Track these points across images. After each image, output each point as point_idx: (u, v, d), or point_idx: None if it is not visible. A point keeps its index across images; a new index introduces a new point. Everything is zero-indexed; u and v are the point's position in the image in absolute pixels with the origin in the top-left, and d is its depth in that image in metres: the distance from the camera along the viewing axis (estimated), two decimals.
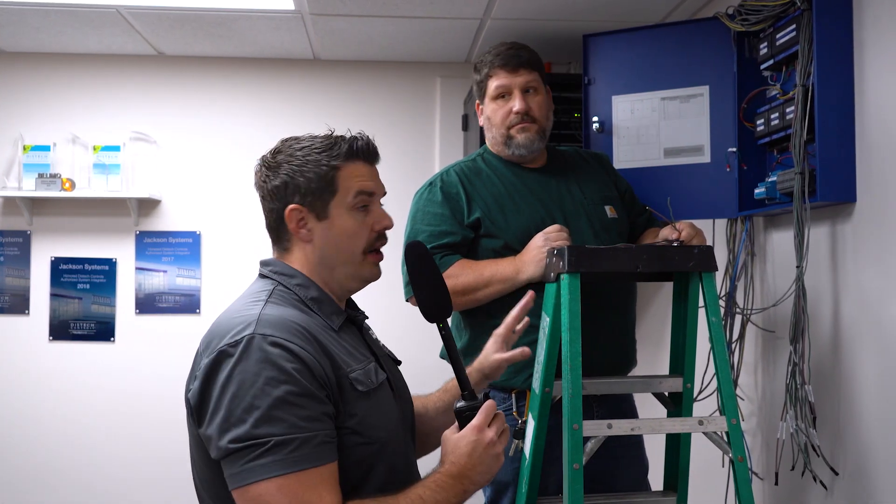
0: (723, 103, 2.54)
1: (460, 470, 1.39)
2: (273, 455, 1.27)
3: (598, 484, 2.20)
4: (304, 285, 1.50)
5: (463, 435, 1.43)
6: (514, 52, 2.34)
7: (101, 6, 3.20)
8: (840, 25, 2.07)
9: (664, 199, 2.48)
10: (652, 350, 3.27)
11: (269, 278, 1.52)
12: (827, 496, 2.17)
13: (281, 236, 1.54)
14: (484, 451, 1.41)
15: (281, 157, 1.52)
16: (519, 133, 2.31)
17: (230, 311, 1.45)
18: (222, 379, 1.32)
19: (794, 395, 2.14)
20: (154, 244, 3.98)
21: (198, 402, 1.35)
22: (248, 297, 1.49)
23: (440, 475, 1.40)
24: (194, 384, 1.37)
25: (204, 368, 1.35)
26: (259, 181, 1.54)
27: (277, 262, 1.55)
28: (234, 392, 1.30)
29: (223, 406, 1.30)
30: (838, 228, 2.16)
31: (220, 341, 1.35)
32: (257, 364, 1.31)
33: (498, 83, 2.33)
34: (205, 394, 1.34)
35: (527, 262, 2.15)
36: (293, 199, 1.49)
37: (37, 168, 3.83)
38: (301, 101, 4.02)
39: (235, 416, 1.29)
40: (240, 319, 1.38)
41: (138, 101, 3.97)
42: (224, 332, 1.37)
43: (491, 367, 1.79)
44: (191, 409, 1.38)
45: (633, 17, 3.17)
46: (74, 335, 3.94)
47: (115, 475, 3.90)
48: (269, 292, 1.47)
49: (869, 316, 2.03)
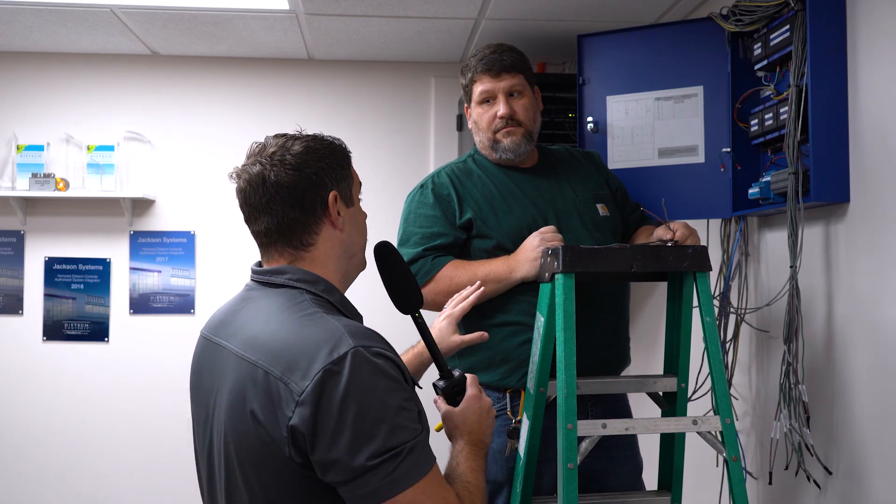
0: (717, 104, 2.55)
1: (478, 437, 1.55)
2: (409, 462, 1.28)
3: (592, 483, 2.21)
4: (329, 290, 1.47)
5: (467, 406, 1.58)
6: (497, 57, 2.33)
7: (94, 5, 3.19)
8: (834, 26, 2.08)
9: (658, 200, 2.49)
10: (646, 350, 3.27)
11: (291, 287, 1.45)
12: (820, 495, 2.18)
13: (301, 234, 1.46)
14: (487, 414, 1.59)
15: (300, 147, 1.46)
16: (504, 137, 2.32)
17: (285, 329, 1.36)
18: (338, 399, 1.25)
19: (787, 395, 2.15)
20: (148, 244, 3.97)
21: (311, 429, 1.26)
22: (285, 310, 1.40)
23: (467, 447, 1.52)
24: (299, 411, 1.27)
25: (310, 392, 1.26)
26: (283, 171, 1.44)
27: (294, 268, 1.47)
28: (357, 409, 1.26)
29: (347, 426, 1.25)
30: (832, 228, 2.16)
31: (314, 362, 1.28)
32: (371, 377, 1.28)
33: (482, 88, 2.34)
34: (319, 418, 1.26)
35: (521, 261, 2.15)
36: (332, 185, 1.47)
37: (30, 168, 3.82)
38: (296, 100, 4.02)
39: (364, 433, 1.25)
40: (320, 335, 1.31)
41: (132, 101, 3.96)
42: (310, 353, 1.29)
43: (448, 348, 1.90)
44: (291, 441, 1.29)
45: (627, 18, 3.17)
46: (68, 335, 3.93)
47: (110, 475, 3.89)
48: (310, 302, 1.41)
49: (862, 316, 2.04)
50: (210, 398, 1.45)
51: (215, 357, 1.47)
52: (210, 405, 1.45)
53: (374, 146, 4.04)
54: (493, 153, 2.35)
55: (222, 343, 1.46)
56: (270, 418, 1.30)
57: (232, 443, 1.37)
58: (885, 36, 1.94)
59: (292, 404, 1.28)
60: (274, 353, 1.33)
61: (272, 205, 1.44)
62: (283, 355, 1.32)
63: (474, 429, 1.56)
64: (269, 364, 1.32)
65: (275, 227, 1.46)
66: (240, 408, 1.35)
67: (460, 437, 1.55)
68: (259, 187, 1.45)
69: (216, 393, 1.43)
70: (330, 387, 1.26)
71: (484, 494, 1.47)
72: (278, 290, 1.45)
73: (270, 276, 1.47)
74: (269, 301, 1.44)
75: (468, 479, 1.46)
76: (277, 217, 1.45)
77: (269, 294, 1.45)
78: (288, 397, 1.28)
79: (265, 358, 1.34)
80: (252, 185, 1.45)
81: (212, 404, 1.45)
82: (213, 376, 1.46)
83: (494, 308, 2.22)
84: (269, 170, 1.44)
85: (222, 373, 1.42)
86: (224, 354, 1.44)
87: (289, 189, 1.43)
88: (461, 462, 1.50)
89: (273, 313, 1.41)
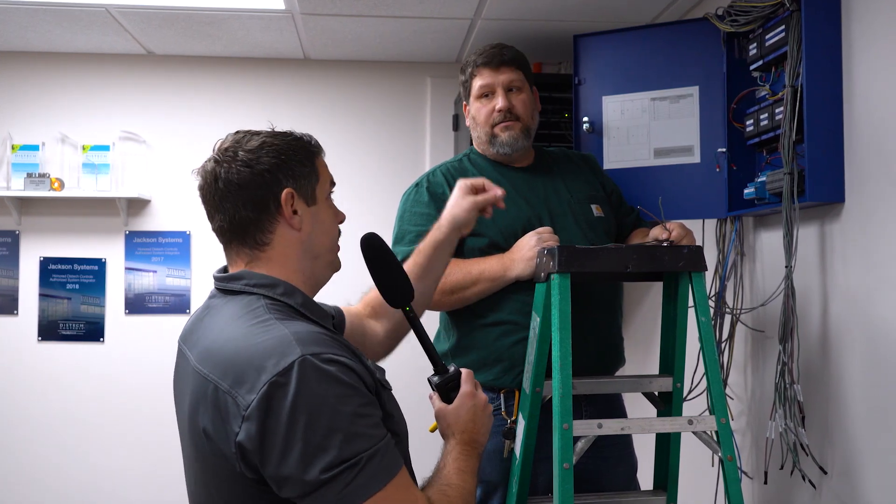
0: (712, 104, 2.55)
1: (471, 436, 1.50)
2: (367, 471, 1.22)
3: (587, 483, 2.21)
4: (289, 293, 1.41)
5: (461, 404, 1.52)
6: (497, 52, 2.35)
7: (89, 5, 3.18)
8: (829, 26, 2.08)
9: (654, 200, 2.49)
10: (642, 350, 3.27)
11: (247, 293, 1.40)
12: (815, 495, 2.18)
13: (254, 233, 1.42)
14: (482, 412, 1.54)
15: (257, 142, 1.42)
16: (503, 131, 2.32)
17: (236, 339, 1.32)
18: (286, 412, 1.20)
19: (782, 395, 2.15)
20: (144, 244, 3.97)
21: (258, 444, 1.22)
22: (239, 318, 1.35)
23: (458, 447, 1.47)
24: (245, 426, 1.22)
25: (256, 407, 1.21)
26: (234, 168, 1.41)
27: (250, 272, 1.42)
28: (305, 422, 1.20)
29: (297, 439, 1.20)
30: (827, 228, 2.17)
31: (261, 374, 1.23)
32: (320, 385, 1.22)
33: (481, 82, 2.35)
34: (266, 433, 1.21)
35: (516, 260, 2.15)
36: (287, 182, 1.41)
37: (25, 168, 3.81)
38: (291, 100, 4.02)
39: (316, 445, 1.20)
40: (267, 344, 1.26)
41: (128, 101, 3.96)
42: (258, 364, 1.24)
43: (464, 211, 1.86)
44: (240, 457, 1.24)
45: (623, 18, 3.17)
46: (63, 335, 3.92)
47: (105, 475, 3.89)
48: (264, 307, 1.35)
49: (857, 315, 2.04)
50: (181, 407, 1.43)
51: (183, 367, 1.44)
52: (181, 415, 1.44)
53: (370, 146, 4.04)
54: (490, 148, 2.35)
55: (186, 353, 1.43)
56: (220, 434, 1.27)
57: (193, 456, 1.36)
58: (881, 36, 1.94)
59: (239, 419, 1.23)
60: (223, 365, 1.29)
61: (224, 202, 1.43)
62: (231, 368, 1.27)
63: (467, 427, 1.50)
64: (219, 377, 1.28)
65: (227, 225, 1.44)
66: (194, 423, 1.33)
67: (452, 437, 1.49)
68: (212, 185, 1.44)
69: (182, 404, 1.42)
70: (277, 400, 1.21)
71: (469, 497, 1.41)
72: (236, 297, 1.41)
73: (228, 282, 1.44)
74: (226, 309, 1.40)
75: (451, 482, 1.41)
76: (230, 215, 1.43)
77: (228, 302, 1.42)
78: (235, 412, 1.24)
79: (215, 371, 1.30)
80: (206, 182, 1.45)
81: (181, 414, 1.43)
82: (180, 387, 1.44)
83: (488, 307, 2.22)
84: (221, 167, 1.42)
85: (185, 384, 1.40)
86: (186, 366, 1.41)
87: (239, 186, 1.41)
88: (449, 463, 1.45)
89: (227, 323, 1.37)
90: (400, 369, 2.34)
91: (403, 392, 2.52)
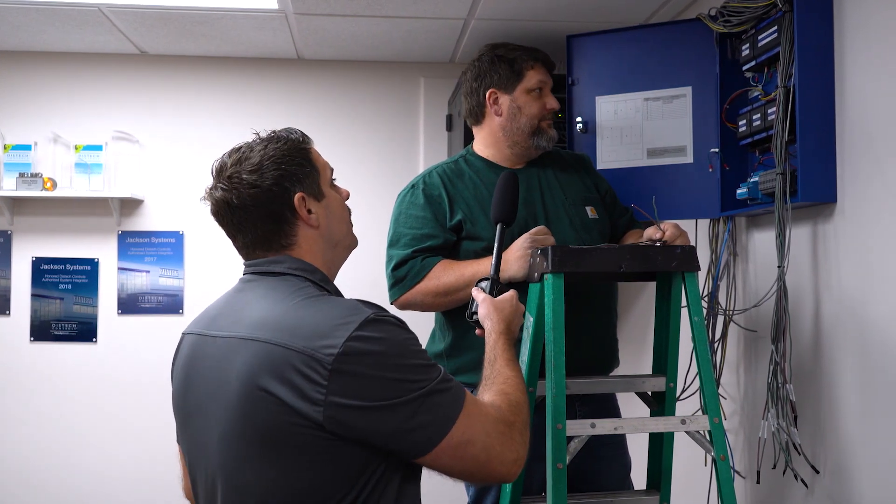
0: (705, 104, 2.56)
1: (510, 326, 1.68)
2: (453, 390, 1.35)
3: (581, 483, 2.21)
4: (325, 280, 1.50)
5: (505, 298, 1.76)
6: (546, 54, 2.43)
7: (82, 4, 3.17)
8: (821, 27, 2.09)
9: (647, 200, 2.49)
10: (635, 350, 3.28)
11: (290, 275, 1.46)
12: (808, 494, 2.19)
13: (278, 240, 1.48)
14: (518, 310, 1.76)
15: (256, 158, 1.46)
16: (550, 128, 2.40)
17: (295, 311, 1.36)
18: (374, 357, 1.29)
19: (775, 394, 2.16)
20: (136, 244, 3.96)
21: (349, 392, 1.27)
22: (296, 294, 1.40)
23: (503, 337, 1.64)
24: (335, 379, 1.27)
25: (338, 359, 1.27)
26: (244, 192, 1.45)
27: (292, 258, 1.48)
28: (394, 360, 1.31)
29: (392, 375, 1.30)
30: (819, 228, 2.17)
31: (338, 330, 1.30)
32: (394, 332, 1.34)
33: (539, 77, 2.38)
34: (359, 379, 1.28)
35: (510, 261, 2.15)
36: (295, 188, 1.47)
37: (18, 167, 3.80)
38: (285, 100, 4.01)
39: (406, 376, 1.31)
40: (335, 311, 1.34)
41: (121, 101, 3.95)
42: (330, 325, 1.31)
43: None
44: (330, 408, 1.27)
45: (616, 18, 3.18)
46: (56, 336, 3.91)
47: (98, 475, 3.88)
48: (313, 286, 1.44)
49: (849, 315, 2.05)
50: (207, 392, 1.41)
51: (211, 350, 1.44)
52: (204, 402, 1.42)
53: (364, 146, 4.04)
54: (528, 139, 2.37)
55: (220, 334, 1.44)
56: (295, 393, 1.28)
57: (244, 427, 1.33)
58: (872, 37, 1.95)
59: (324, 373, 1.27)
60: (291, 330, 1.33)
61: (244, 224, 1.48)
62: (300, 330, 1.32)
63: (509, 317, 1.69)
64: (287, 340, 1.31)
65: (252, 241, 1.50)
66: (253, 389, 1.32)
67: (497, 327, 1.65)
68: (226, 212, 1.48)
69: (217, 385, 1.39)
70: (363, 348, 1.29)
71: (522, 384, 1.52)
72: (277, 278, 1.46)
73: (269, 265, 1.48)
74: (270, 288, 1.44)
75: (505, 376, 1.52)
76: (252, 233, 1.49)
77: (269, 282, 1.46)
78: (316, 367, 1.28)
79: (279, 336, 1.33)
80: (219, 209, 1.49)
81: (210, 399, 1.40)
82: (212, 369, 1.42)
83: None
84: (230, 194, 1.46)
85: (226, 361, 1.39)
86: (224, 344, 1.41)
87: (254, 207, 1.46)
88: (499, 355, 1.58)
89: (279, 298, 1.41)
90: None
91: None
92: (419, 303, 2.23)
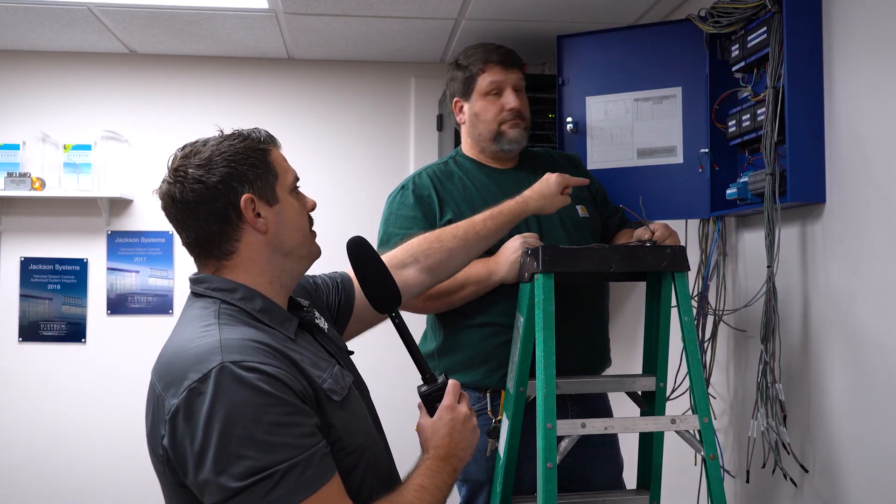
0: (695, 105, 2.56)
1: (446, 451, 1.45)
2: (286, 483, 1.20)
3: (572, 483, 2.22)
4: (248, 297, 1.40)
5: (438, 417, 1.49)
6: (507, 51, 2.37)
7: (71, 3, 3.16)
8: (810, 28, 2.10)
9: (637, 200, 2.50)
10: (625, 350, 3.29)
11: (207, 296, 1.41)
12: (797, 493, 2.20)
13: (219, 244, 1.42)
14: (462, 427, 1.48)
15: (206, 153, 1.40)
16: (511, 129, 2.33)
17: (179, 343, 1.33)
18: (202, 418, 1.20)
19: (764, 394, 2.17)
20: (126, 244, 3.94)
21: (176, 452, 1.24)
22: (193, 321, 1.36)
23: (430, 461, 1.44)
24: (168, 430, 1.24)
25: (175, 412, 1.23)
26: (187, 186, 1.38)
27: (212, 276, 1.43)
28: (220, 429, 1.19)
29: (211, 446, 1.19)
30: (808, 229, 2.18)
31: (184, 380, 1.24)
32: (238, 393, 1.21)
33: (492, 79, 2.34)
34: (184, 440, 1.22)
35: (501, 263, 2.15)
36: (243, 188, 1.39)
37: (6, 167, 3.77)
38: (275, 100, 4.00)
39: (230, 453, 1.19)
40: (198, 350, 1.27)
41: (110, 100, 3.93)
42: (184, 369, 1.25)
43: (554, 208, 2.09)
44: (166, 460, 1.26)
45: (606, 19, 3.18)
46: (45, 336, 3.89)
47: (87, 476, 3.86)
48: (215, 313, 1.36)
49: (838, 315, 2.06)
50: None
51: None
52: None
53: (354, 146, 4.03)
54: (492, 145, 2.35)
55: None
56: (154, 437, 1.30)
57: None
58: (860, 38, 1.96)
59: (164, 423, 1.25)
60: (163, 369, 1.32)
61: (186, 221, 1.42)
62: (167, 373, 1.30)
63: (442, 443, 1.46)
64: (157, 380, 1.32)
65: (194, 240, 1.44)
66: (145, 424, 1.36)
67: (429, 450, 1.46)
68: (170, 206, 1.43)
69: None
70: (194, 407, 1.21)
71: None
72: (199, 300, 1.43)
73: (194, 284, 1.46)
74: (188, 313, 1.43)
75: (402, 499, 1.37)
76: (194, 231, 1.42)
77: (193, 305, 1.44)
78: (162, 415, 1.26)
79: (156, 374, 1.33)
80: (165, 204, 1.44)
81: None
82: None
83: (475, 308, 2.22)
84: (174, 187, 1.40)
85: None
86: None
87: (196, 203, 1.39)
88: (413, 478, 1.42)
89: (182, 326, 1.39)
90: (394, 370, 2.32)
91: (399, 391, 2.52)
92: (410, 305, 2.22)
